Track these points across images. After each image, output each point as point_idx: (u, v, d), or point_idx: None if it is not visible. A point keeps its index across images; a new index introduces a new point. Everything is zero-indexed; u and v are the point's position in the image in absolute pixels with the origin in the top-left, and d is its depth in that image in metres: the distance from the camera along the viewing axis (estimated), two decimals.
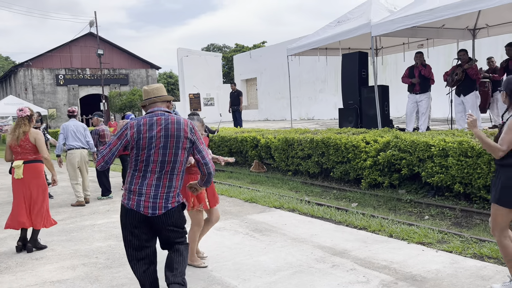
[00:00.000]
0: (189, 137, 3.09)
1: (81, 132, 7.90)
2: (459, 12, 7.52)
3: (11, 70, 38.95)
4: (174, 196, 3.08)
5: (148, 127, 3.02)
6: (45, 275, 4.38)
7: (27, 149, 5.17)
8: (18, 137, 5.12)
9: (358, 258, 4.44)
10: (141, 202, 2.98)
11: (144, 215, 3.00)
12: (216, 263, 4.49)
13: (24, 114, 5.21)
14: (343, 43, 10.96)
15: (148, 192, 2.99)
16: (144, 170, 3.01)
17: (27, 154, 5.17)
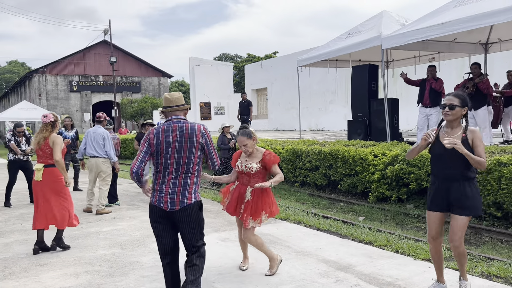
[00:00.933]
0: (200, 141, 3.43)
1: (98, 141, 7.72)
2: (471, 27, 7.46)
3: (26, 75, 39.58)
4: (190, 192, 3.39)
5: (166, 134, 3.39)
6: (48, 282, 4.39)
7: (47, 153, 5.38)
8: (38, 142, 5.38)
9: (362, 273, 4.37)
10: (162, 198, 3.36)
11: (164, 210, 3.36)
12: (219, 275, 4.45)
13: (48, 120, 5.43)
14: (353, 55, 10.95)
15: (167, 189, 3.36)
16: (163, 171, 3.39)
17: (47, 158, 5.38)
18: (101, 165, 7.80)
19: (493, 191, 5.58)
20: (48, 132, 5.41)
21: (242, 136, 4.23)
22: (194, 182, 3.42)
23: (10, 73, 68.24)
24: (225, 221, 6.86)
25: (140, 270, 4.66)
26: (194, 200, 3.39)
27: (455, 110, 3.48)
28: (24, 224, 7.04)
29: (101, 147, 7.76)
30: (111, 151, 7.84)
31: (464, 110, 3.51)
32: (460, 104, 3.49)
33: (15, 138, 8.80)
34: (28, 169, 8.96)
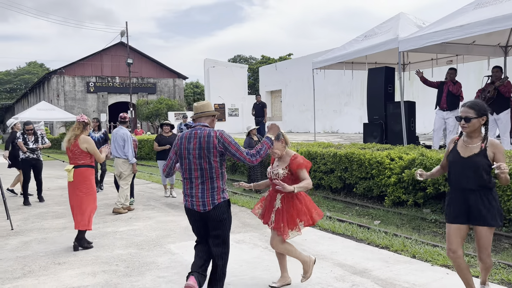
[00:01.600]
0: (217, 147, 3.54)
1: (118, 142, 7.86)
2: (490, 29, 7.35)
3: (45, 76, 40.29)
4: (218, 193, 3.59)
5: (187, 140, 3.60)
6: (67, 280, 4.46)
7: (76, 154, 5.56)
8: (69, 139, 5.57)
9: (379, 278, 4.33)
10: (194, 202, 3.60)
11: (197, 211, 3.60)
12: (234, 277, 4.46)
13: (81, 120, 5.68)
14: (369, 58, 10.87)
15: (197, 194, 3.58)
16: (189, 176, 3.60)
17: (76, 159, 5.56)
18: (122, 165, 7.93)
19: None
20: (79, 130, 5.62)
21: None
22: (221, 184, 3.61)
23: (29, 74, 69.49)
24: (239, 223, 6.87)
25: (156, 271, 4.70)
26: (223, 199, 3.62)
27: (471, 122, 3.38)
28: (43, 223, 7.17)
29: (121, 148, 7.87)
30: (129, 152, 7.91)
31: (482, 120, 3.40)
32: (476, 115, 3.38)
33: (24, 136, 8.99)
34: (38, 169, 9.17)
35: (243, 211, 7.81)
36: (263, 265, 4.81)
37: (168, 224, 6.83)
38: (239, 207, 8.12)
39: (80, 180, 5.53)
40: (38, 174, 9.22)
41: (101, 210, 8.02)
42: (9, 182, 10.47)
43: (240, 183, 4.13)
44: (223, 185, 3.63)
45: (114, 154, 7.91)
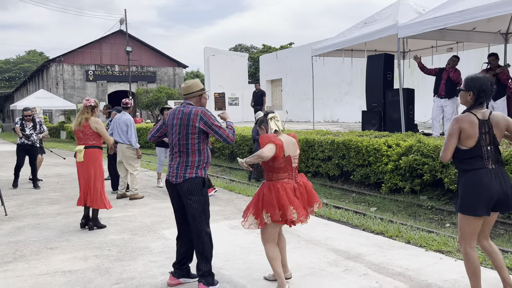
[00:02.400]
0: (197, 124, 3.66)
1: (122, 127, 7.83)
2: (490, 15, 7.23)
3: (44, 65, 40.08)
4: (192, 168, 3.70)
5: (172, 117, 3.80)
6: (58, 264, 4.43)
7: (87, 135, 5.74)
8: (80, 122, 5.75)
9: (372, 263, 4.30)
10: (170, 174, 3.78)
11: (171, 182, 3.76)
12: (227, 262, 4.44)
13: (89, 104, 5.82)
14: (369, 45, 10.75)
15: (173, 166, 3.77)
16: (172, 150, 3.82)
17: (88, 140, 5.74)
18: (126, 151, 7.90)
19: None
20: (89, 114, 5.80)
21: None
22: (195, 160, 3.71)
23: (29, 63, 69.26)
24: (235, 209, 6.84)
25: (148, 255, 4.67)
26: (196, 175, 3.69)
27: (460, 93, 3.34)
28: (37, 209, 7.14)
29: (125, 134, 7.85)
30: (133, 138, 7.89)
31: (468, 94, 3.25)
32: (464, 88, 3.29)
33: (22, 122, 9.04)
34: (32, 154, 9.30)
35: (239, 198, 7.78)
36: (257, 250, 4.77)
37: (163, 211, 6.79)
38: (236, 194, 8.09)
39: (90, 160, 5.71)
40: (33, 159, 9.30)
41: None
42: (8, 170, 10.45)
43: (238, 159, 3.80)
44: (199, 162, 3.71)
45: (117, 140, 7.86)
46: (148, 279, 4.00)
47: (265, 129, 3.72)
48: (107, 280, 4.00)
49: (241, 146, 11.62)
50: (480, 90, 3.21)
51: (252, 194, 7.88)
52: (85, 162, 5.69)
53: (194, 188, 3.68)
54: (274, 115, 3.74)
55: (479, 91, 3.21)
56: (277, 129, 3.67)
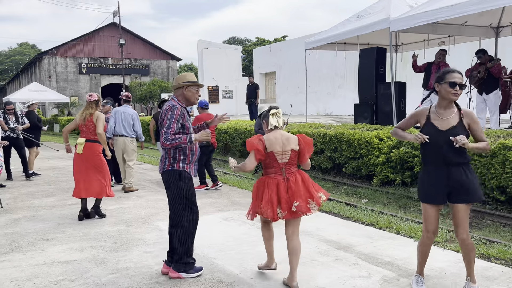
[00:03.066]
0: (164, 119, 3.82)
1: (128, 121, 7.90)
2: (481, 9, 7.32)
3: (36, 57, 39.78)
4: (169, 161, 3.86)
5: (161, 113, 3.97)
6: (54, 255, 4.50)
7: (90, 129, 5.91)
8: (84, 117, 5.93)
9: (362, 253, 4.42)
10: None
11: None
12: (220, 252, 4.53)
13: (92, 99, 5.99)
14: (361, 38, 10.82)
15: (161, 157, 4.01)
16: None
17: (90, 134, 5.90)
18: (129, 144, 7.99)
19: (497, 175, 5.55)
20: (93, 109, 5.98)
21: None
22: (171, 152, 3.86)
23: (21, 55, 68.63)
24: (229, 201, 6.93)
25: (143, 246, 4.75)
26: (172, 167, 3.85)
27: (462, 90, 3.26)
28: (33, 201, 7.19)
29: (131, 127, 7.97)
30: (140, 131, 8.15)
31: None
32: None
33: (4, 115, 9.17)
34: (19, 146, 9.46)
35: (233, 190, 7.87)
36: (250, 241, 4.88)
37: (158, 203, 6.87)
38: (229, 187, 8.18)
39: (90, 154, 5.85)
40: (20, 150, 9.49)
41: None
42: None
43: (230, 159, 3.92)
44: (175, 155, 3.84)
45: (120, 133, 7.91)
46: (143, 269, 4.09)
47: (266, 124, 3.78)
48: (103, 270, 4.08)
49: (235, 139, 11.69)
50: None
51: (245, 187, 7.97)
52: (84, 155, 5.82)
53: (169, 180, 3.85)
54: (277, 111, 3.76)
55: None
56: (276, 125, 3.71)
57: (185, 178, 3.86)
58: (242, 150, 11.68)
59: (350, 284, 3.67)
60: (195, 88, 3.94)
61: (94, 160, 5.87)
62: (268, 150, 3.62)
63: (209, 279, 3.84)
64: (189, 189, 3.89)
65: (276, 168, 3.67)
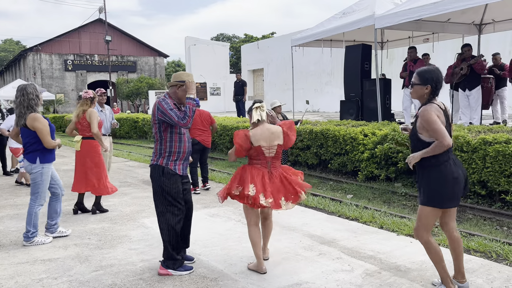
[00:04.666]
0: (156, 114, 3.80)
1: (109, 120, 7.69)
2: (464, 6, 7.44)
3: (21, 54, 39.20)
4: (155, 155, 3.92)
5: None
6: (37, 253, 4.47)
7: (84, 126, 5.95)
8: (78, 114, 5.97)
9: (345, 247, 4.47)
10: None
11: None
12: (205, 248, 4.54)
13: (88, 96, 6.01)
14: (347, 35, 10.90)
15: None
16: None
17: (85, 131, 5.96)
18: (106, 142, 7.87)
19: (478, 170, 5.65)
20: (87, 106, 5.98)
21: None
22: (158, 148, 3.90)
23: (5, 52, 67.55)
24: (215, 198, 6.93)
25: (128, 243, 4.74)
26: (156, 162, 3.89)
27: (414, 89, 3.30)
28: (16, 199, 7.11)
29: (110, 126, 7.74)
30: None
31: (426, 88, 3.24)
32: (420, 82, 3.26)
33: None
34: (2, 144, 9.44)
35: (219, 187, 7.86)
36: (235, 237, 4.90)
37: (144, 200, 6.85)
38: (216, 183, 8.18)
39: (88, 150, 5.90)
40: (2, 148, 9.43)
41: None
42: None
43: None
44: (160, 150, 3.86)
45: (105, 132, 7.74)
46: (127, 266, 4.09)
47: (250, 117, 3.93)
48: (87, 267, 4.06)
49: (222, 136, 11.69)
50: (437, 82, 3.23)
51: None
52: (82, 152, 5.91)
53: (153, 175, 3.90)
54: (260, 105, 3.89)
55: (436, 83, 3.23)
56: (259, 119, 3.81)
57: (169, 174, 3.84)
58: (228, 146, 11.69)
59: (333, 278, 3.72)
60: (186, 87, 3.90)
61: (91, 157, 5.93)
62: (255, 145, 3.75)
63: (193, 274, 3.85)
64: (172, 187, 3.85)
65: (262, 161, 3.82)
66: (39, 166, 4.69)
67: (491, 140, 5.54)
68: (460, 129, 6.55)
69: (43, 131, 4.63)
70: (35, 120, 4.63)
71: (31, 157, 4.69)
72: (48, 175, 4.79)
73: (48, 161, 4.77)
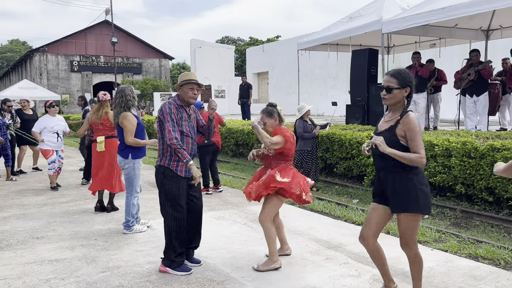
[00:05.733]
0: (159, 116, 3.90)
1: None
2: (472, 12, 7.41)
3: (27, 54, 39.39)
4: (159, 157, 3.98)
5: None
6: (44, 253, 4.48)
7: (107, 127, 6.15)
8: (101, 116, 6.14)
9: (352, 252, 4.46)
10: None
11: None
12: (212, 251, 4.54)
13: (107, 98, 6.24)
14: (354, 40, 10.89)
15: None
16: None
17: (107, 131, 6.16)
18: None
19: (486, 176, 5.63)
20: (108, 108, 6.22)
21: (261, 113, 4.13)
22: (161, 148, 3.96)
23: (12, 52, 67.92)
24: (221, 200, 6.94)
25: (134, 245, 4.75)
26: (159, 163, 3.96)
27: (393, 93, 2.96)
28: (23, 199, 7.14)
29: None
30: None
31: (405, 91, 2.97)
32: (399, 85, 2.95)
33: (1, 112, 9.21)
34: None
35: (225, 189, 7.87)
36: (241, 240, 4.90)
37: (150, 202, 6.86)
38: (221, 186, 8.17)
39: (112, 149, 6.04)
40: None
41: (83, 188, 8.02)
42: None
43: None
44: (163, 151, 3.92)
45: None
46: (134, 268, 4.09)
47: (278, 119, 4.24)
48: (94, 268, 4.07)
49: (227, 139, 11.71)
50: (413, 84, 3.01)
51: (237, 187, 7.99)
52: (107, 151, 6.06)
53: (156, 177, 3.98)
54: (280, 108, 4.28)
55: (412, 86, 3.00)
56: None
57: (169, 176, 3.88)
58: (234, 149, 11.70)
59: (340, 283, 3.71)
60: (188, 87, 3.94)
61: (115, 154, 6.01)
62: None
63: (200, 277, 3.85)
64: (173, 188, 3.88)
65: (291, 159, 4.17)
66: (131, 161, 5.11)
67: (500, 147, 5.52)
68: (467, 135, 6.53)
69: (127, 129, 5.01)
70: (124, 118, 5.03)
71: (124, 153, 5.11)
72: (139, 169, 5.24)
73: (139, 157, 5.19)
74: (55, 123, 7.92)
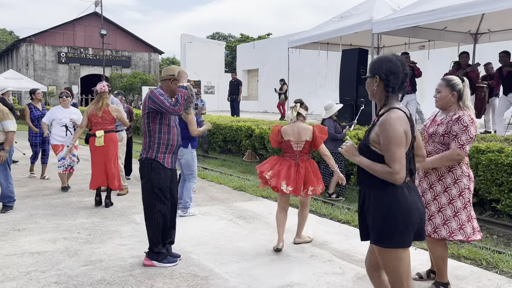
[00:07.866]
0: (147, 104, 3.81)
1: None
2: (461, 15, 7.48)
3: (14, 44, 38.74)
4: (144, 150, 3.93)
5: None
6: (25, 246, 4.41)
7: (107, 120, 5.95)
8: (101, 107, 5.91)
9: (337, 250, 4.47)
10: None
11: None
12: (196, 246, 4.51)
13: (107, 89, 6.02)
14: (344, 39, 10.92)
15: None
16: None
17: (107, 125, 5.96)
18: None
19: None
20: (108, 99, 6.01)
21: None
22: (147, 141, 3.92)
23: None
24: (207, 196, 6.91)
25: (118, 239, 4.70)
26: (145, 156, 3.91)
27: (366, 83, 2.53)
28: None
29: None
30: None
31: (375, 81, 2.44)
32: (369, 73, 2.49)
33: None
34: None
35: (211, 185, 7.84)
36: (226, 236, 4.88)
37: (135, 196, 6.79)
38: (208, 182, 8.15)
39: (111, 144, 5.96)
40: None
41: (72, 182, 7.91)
42: None
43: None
44: (150, 143, 3.89)
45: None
46: (117, 261, 4.04)
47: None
48: (76, 261, 4.01)
49: (215, 135, 11.65)
50: (388, 73, 2.38)
51: (224, 182, 7.96)
52: (106, 146, 5.89)
53: (142, 169, 3.93)
54: (295, 105, 4.50)
55: (387, 75, 2.38)
56: (292, 118, 4.44)
57: (157, 168, 3.86)
58: (222, 145, 11.66)
59: (325, 280, 3.71)
60: (176, 83, 3.92)
61: (115, 150, 6.03)
62: (285, 139, 4.39)
63: (184, 273, 3.82)
64: (161, 181, 3.88)
65: (290, 153, 4.39)
66: (190, 150, 5.53)
67: (484, 149, 5.58)
68: None
69: (194, 121, 5.32)
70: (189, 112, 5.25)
71: (185, 143, 5.35)
72: (195, 157, 5.66)
73: (195, 146, 5.62)
74: (64, 115, 7.15)
